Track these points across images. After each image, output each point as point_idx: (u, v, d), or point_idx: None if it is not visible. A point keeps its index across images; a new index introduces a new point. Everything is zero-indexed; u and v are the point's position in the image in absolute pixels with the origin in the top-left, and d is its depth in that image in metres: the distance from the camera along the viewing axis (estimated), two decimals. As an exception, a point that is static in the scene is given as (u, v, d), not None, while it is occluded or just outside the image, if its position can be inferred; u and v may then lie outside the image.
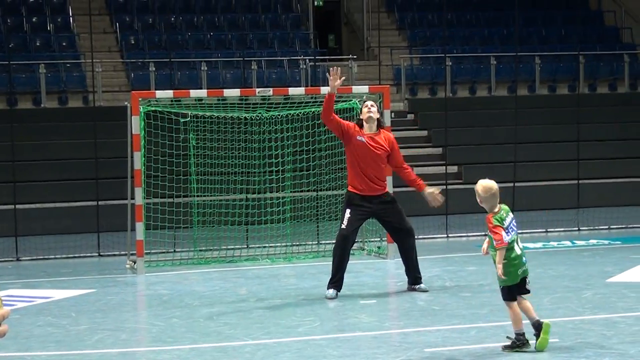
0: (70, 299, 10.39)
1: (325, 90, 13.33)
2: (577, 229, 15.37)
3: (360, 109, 10.48)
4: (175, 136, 13.48)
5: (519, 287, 7.30)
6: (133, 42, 22.37)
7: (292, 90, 13.68)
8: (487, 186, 7.32)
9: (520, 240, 7.45)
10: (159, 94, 12.81)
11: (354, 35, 25.66)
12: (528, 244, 13.71)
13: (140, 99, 12.30)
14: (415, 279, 10.03)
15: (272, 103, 13.86)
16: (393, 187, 13.04)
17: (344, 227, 9.81)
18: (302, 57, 21.56)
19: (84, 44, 20.89)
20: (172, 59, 19.32)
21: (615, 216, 16.00)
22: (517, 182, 15.92)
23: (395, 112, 19.85)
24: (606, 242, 13.98)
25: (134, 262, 12.35)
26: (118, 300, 10.29)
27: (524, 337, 7.20)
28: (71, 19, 22.62)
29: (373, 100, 10.41)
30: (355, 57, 21.85)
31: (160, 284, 11.27)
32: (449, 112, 16.70)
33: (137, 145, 12.12)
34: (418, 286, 9.99)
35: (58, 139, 18.40)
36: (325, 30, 26.01)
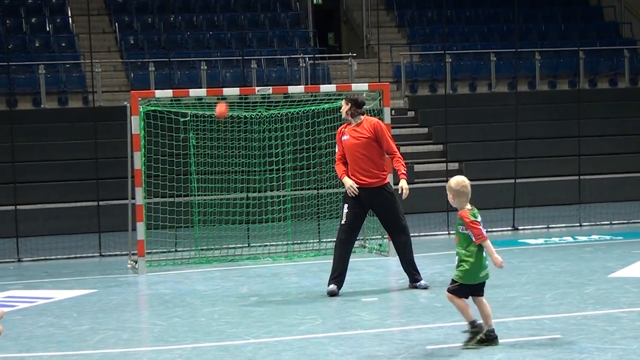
0: (72, 299, 10.38)
1: (325, 88, 13.36)
2: (578, 224, 15.35)
3: None
4: (175, 135, 13.46)
5: (476, 288, 7.28)
6: (132, 42, 22.36)
7: (292, 89, 13.67)
8: (460, 181, 7.30)
9: (523, 236, 7.43)
10: (159, 93, 12.79)
11: (354, 33, 25.64)
12: (529, 240, 13.72)
13: (139, 99, 12.28)
14: (413, 277, 10.00)
15: (271, 101, 13.85)
16: (394, 185, 13.04)
17: (343, 222, 9.88)
18: (301, 55, 21.55)
19: (84, 44, 20.88)
20: (172, 59, 19.31)
21: (616, 211, 15.99)
22: (518, 178, 15.90)
23: (396, 110, 19.85)
24: (608, 237, 13.96)
25: (135, 262, 12.35)
26: (119, 300, 10.28)
27: (495, 332, 7.22)
28: (70, 19, 22.61)
29: (346, 97, 10.27)
30: (354, 55, 21.83)
31: (162, 284, 11.27)
32: (449, 109, 16.68)
33: (137, 145, 12.10)
34: (418, 283, 9.97)
35: (58, 140, 18.40)
36: (324, 28, 26.00)
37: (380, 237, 13.09)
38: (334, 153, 13.63)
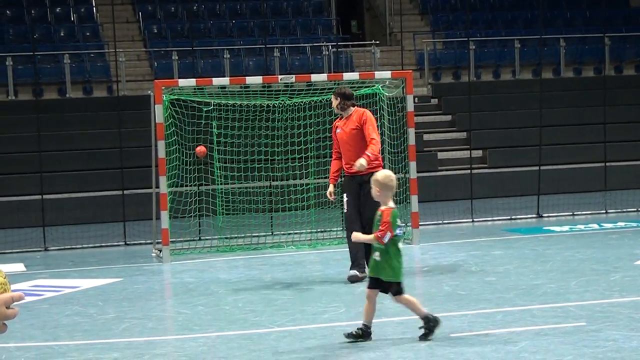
0: (97, 288, 10.45)
1: (348, 76, 13.33)
2: (604, 211, 15.25)
3: None
4: (197, 123, 13.49)
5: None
6: (156, 31, 22.42)
7: (315, 77, 13.65)
8: (388, 175, 7.29)
9: (548, 223, 7.37)
10: (182, 82, 12.82)
11: (377, 20, 25.55)
12: (554, 228, 13.64)
13: (163, 88, 12.32)
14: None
15: (294, 90, 13.83)
16: (418, 173, 13.01)
17: (345, 210, 10.13)
18: (324, 43, 21.51)
19: (108, 34, 20.97)
20: (195, 47, 19.34)
21: (642, 198, 15.86)
22: (542, 165, 15.82)
23: (419, 97, 19.79)
24: (634, 224, 13.85)
25: (160, 251, 12.40)
26: (144, 288, 10.34)
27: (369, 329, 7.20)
28: (94, 9, 22.70)
29: (335, 92, 10.31)
30: (377, 42, 21.77)
31: (186, 272, 11.31)
32: (473, 96, 16.60)
33: (160, 134, 12.14)
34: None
35: (83, 129, 18.50)
36: (347, 16, 25.92)
37: (404, 224, 13.06)
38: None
